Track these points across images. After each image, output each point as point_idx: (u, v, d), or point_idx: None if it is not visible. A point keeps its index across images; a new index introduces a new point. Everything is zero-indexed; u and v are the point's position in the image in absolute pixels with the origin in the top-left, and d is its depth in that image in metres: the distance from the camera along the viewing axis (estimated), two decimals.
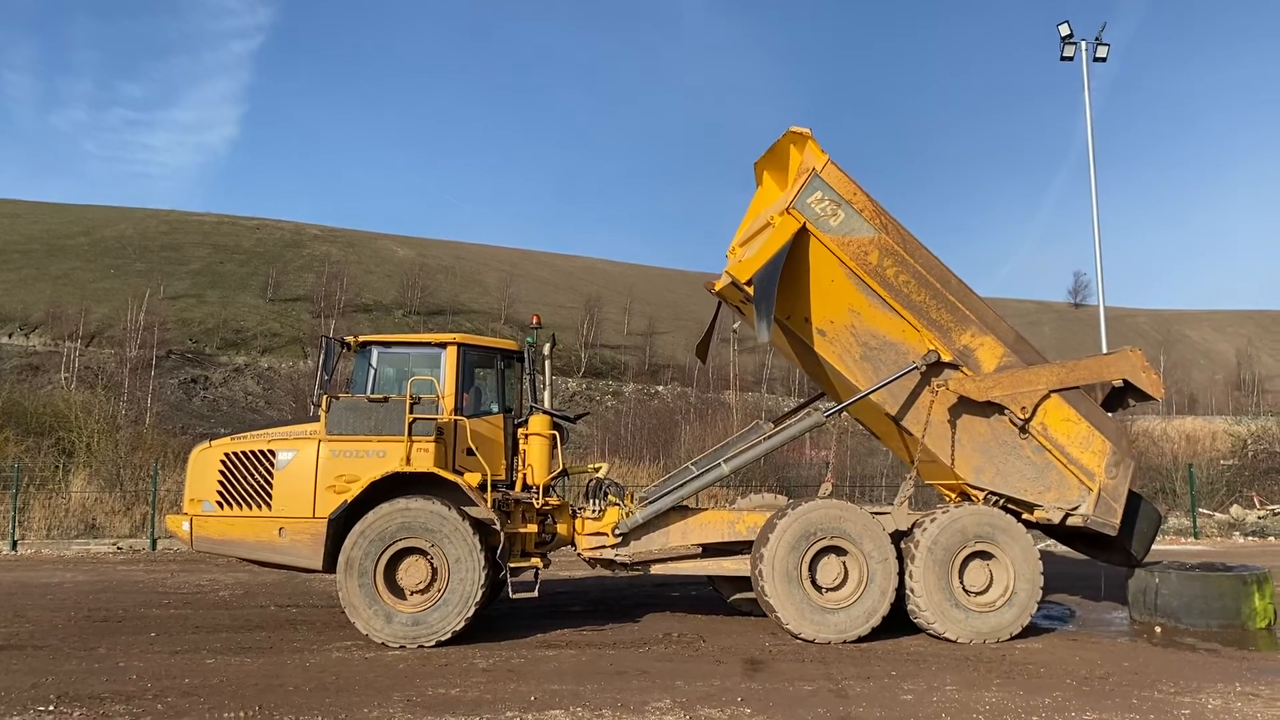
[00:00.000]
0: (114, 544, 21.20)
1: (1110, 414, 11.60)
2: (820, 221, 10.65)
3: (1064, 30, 26.88)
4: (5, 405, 30.00)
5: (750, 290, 10.49)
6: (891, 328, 10.90)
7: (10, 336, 65.20)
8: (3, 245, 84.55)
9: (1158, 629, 11.30)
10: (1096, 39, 27.23)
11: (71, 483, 24.47)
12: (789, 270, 10.58)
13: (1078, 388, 11.03)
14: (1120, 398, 11.65)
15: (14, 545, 20.57)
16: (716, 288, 11.76)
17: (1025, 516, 11.22)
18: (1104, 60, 27.28)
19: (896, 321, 10.87)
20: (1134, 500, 11.32)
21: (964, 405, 10.92)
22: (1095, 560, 12.47)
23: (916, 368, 10.78)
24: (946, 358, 10.83)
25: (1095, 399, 11.53)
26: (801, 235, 10.64)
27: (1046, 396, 10.83)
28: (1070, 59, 27.11)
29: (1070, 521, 11.01)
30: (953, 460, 11.08)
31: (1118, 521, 10.90)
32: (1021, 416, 10.76)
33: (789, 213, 10.62)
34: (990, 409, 10.91)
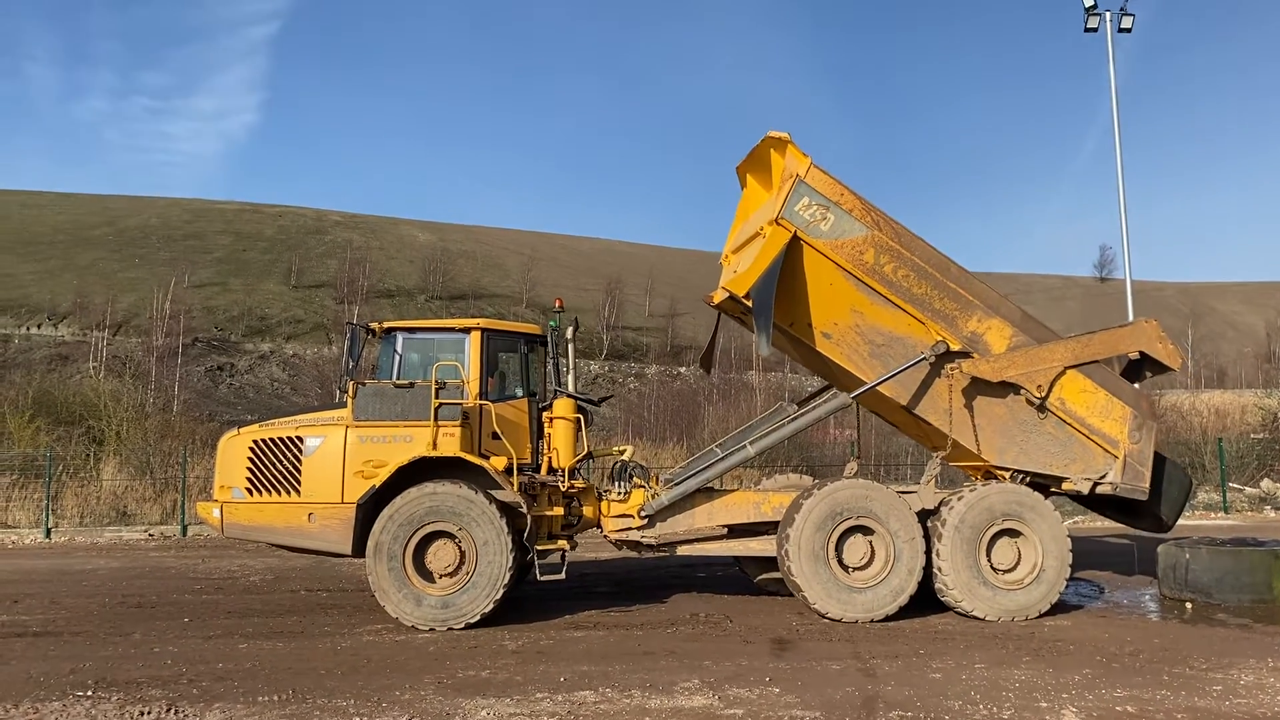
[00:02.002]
0: (145, 530, 21.46)
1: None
2: (811, 228, 10.56)
3: (1087, 1, 26.51)
4: (36, 395, 30.42)
5: (749, 303, 10.46)
6: (897, 323, 10.83)
7: (39, 327, 65.95)
8: (30, 237, 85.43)
9: (1188, 605, 11.22)
10: (1121, 9, 26.85)
11: (102, 471, 24.78)
12: (786, 279, 10.52)
13: (1093, 362, 10.96)
14: (1138, 370, 11.58)
15: (48, 533, 20.85)
16: (715, 300, 11.70)
17: (1054, 488, 11.20)
18: (1129, 31, 26.90)
19: (901, 316, 10.80)
20: (1162, 466, 11.26)
21: (980, 389, 10.86)
22: (1127, 530, 12.41)
23: (925, 358, 10.72)
24: (955, 346, 10.75)
25: (1112, 368, 11.44)
26: (794, 244, 10.54)
27: (1062, 373, 10.77)
28: (1094, 30, 26.76)
29: (1099, 490, 10.98)
30: (977, 445, 11.04)
31: (1147, 485, 10.87)
32: (1038, 395, 10.70)
33: (778, 223, 10.52)
34: (1006, 390, 10.84)
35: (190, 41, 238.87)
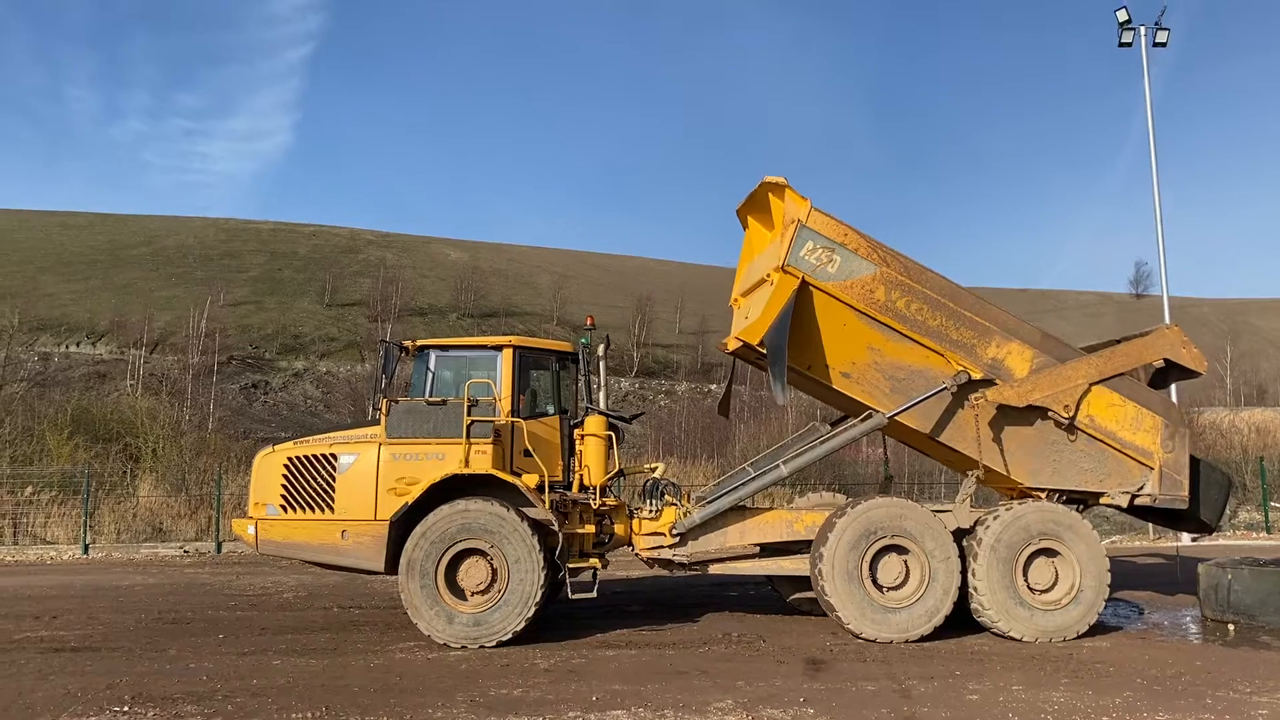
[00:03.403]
0: (181, 547, 21.66)
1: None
2: (818, 271, 10.54)
3: (1121, 16, 26.21)
4: (75, 413, 30.79)
5: (764, 350, 10.45)
6: (915, 357, 10.78)
7: (78, 345, 66.90)
8: (70, 257, 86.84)
9: (1231, 627, 11.03)
10: (1156, 24, 26.51)
11: (139, 487, 25.05)
12: (800, 324, 10.51)
13: (1119, 375, 10.85)
14: (1164, 378, 11.47)
15: (85, 549, 21.10)
16: (729, 349, 11.71)
17: (1091, 502, 11.13)
18: (1164, 45, 26.56)
19: (919, 350, 10.75)
20: (1197, 469, 11.14)
21: (1007, 415, 10.78)
22: (1167, 550, 12.26)
23: (946, 388, 10.65)
24: (977, 374, 10.68)
25: (1139, 378, 11.32)
26: (803, 289, 10.53)
27: (1088, 390, 10.68)
28: (1128, 45, 26.45)
29: (1138, 502, 10.95)
30: (1007, 469, 11.00)
31: (1185, 493, 10.80)
32: (1066, 415, 10.61)
33: (785, 271, 10.50)
34: (1034, 413, 10.76)
35: (225, 64, 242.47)
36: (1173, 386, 23.11)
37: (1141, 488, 10.83)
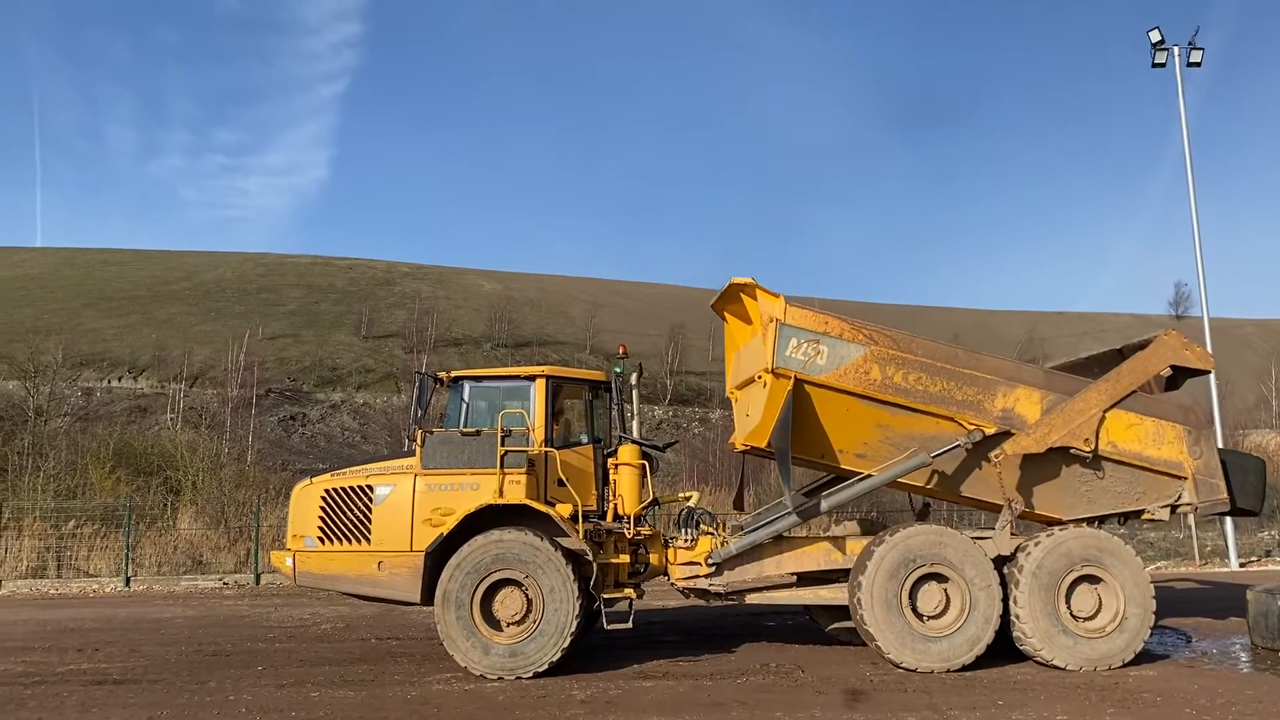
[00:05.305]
0: (220, 579, 21.85)
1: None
2: (808, 367, 10.54)
3: (1154, 37, 26.02)
4: (116, 446, 31.32)
5: (772, 449, 10.49)
6: (926, 425, 10.73)
7: (120, 380, 67.94)
8: (112, 293, 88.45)
9: None
10: (1190, 44, 26.32)
11: (179, 520, 25.37)
12: (803, 419, 10.51)
13: (1130, 394, 10.77)
14: (1174, 383, 11.40)
15: (127, 581, 21.33)
16: (739, 449, 11.75)
17: (1133, 517, 11.10)
18: (1198, 65, 26.35)
19: (926, 419, 10.71)
20: (1226, 461, 11.04)
21: (1030, 461, 10.71)
22: (1213, 576, 12.02)
23: (961, 445, 10.59)
24: (991, 429, 10.60)
25: (1149, 389, 11.21)
26: (798, 387, 10.50)
27: (1103, 418, 10.60)
28: (1162, 65, 26.26)
29: (1180, 511, 10.94)
30: (1040, 509, 10.95)
31: (1224, 495, 10.76)
32: (1087, 449, 10.54)
33: (775, 374, 10.50)
34: (1056, 453, 10.68)
35: (262, 100, 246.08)
36: (1215, 410, 22.89)
37: (1179, 498, 10.80)
